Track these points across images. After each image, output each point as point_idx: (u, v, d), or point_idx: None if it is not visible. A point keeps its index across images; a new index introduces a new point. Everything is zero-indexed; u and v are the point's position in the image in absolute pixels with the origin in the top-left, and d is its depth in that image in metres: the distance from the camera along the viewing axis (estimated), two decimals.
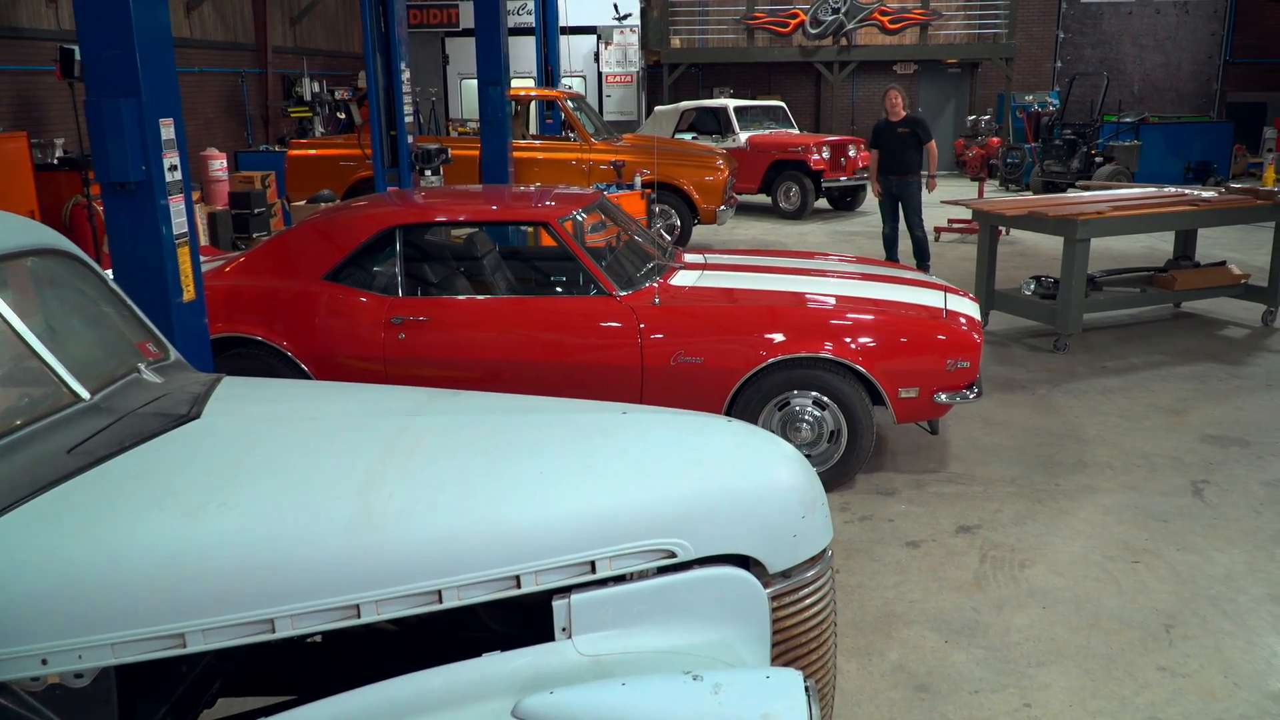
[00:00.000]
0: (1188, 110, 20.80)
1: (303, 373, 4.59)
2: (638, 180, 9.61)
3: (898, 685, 3.10)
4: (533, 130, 12.82)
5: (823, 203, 14.41)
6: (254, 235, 10.21)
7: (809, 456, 4.40)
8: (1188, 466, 4.84)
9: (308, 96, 15.86)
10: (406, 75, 7.30)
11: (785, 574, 2.02)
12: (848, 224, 13.39)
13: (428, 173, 7.66)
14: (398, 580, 1.77)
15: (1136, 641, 3.33)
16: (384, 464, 1.97)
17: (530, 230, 7.31)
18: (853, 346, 4.35)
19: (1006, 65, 19.48)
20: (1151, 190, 8.38)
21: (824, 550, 2.09)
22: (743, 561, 1.97)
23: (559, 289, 5.44)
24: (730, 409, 4.42)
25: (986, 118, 19.15)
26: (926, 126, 8.73)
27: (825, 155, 13.36)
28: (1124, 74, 20.90)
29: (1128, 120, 16.96)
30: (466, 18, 18.84)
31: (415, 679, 1.77)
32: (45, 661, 1.66)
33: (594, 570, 1.86)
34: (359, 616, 1.77)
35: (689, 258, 5.28)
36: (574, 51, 18.48)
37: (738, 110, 14.40)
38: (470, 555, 1.80)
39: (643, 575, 1.90)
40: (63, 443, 1.97)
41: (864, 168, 13.37)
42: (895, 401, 4.40)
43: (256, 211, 10.38)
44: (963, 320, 4.54)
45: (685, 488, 1.95)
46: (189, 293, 3.97)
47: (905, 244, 9.01)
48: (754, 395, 4.41)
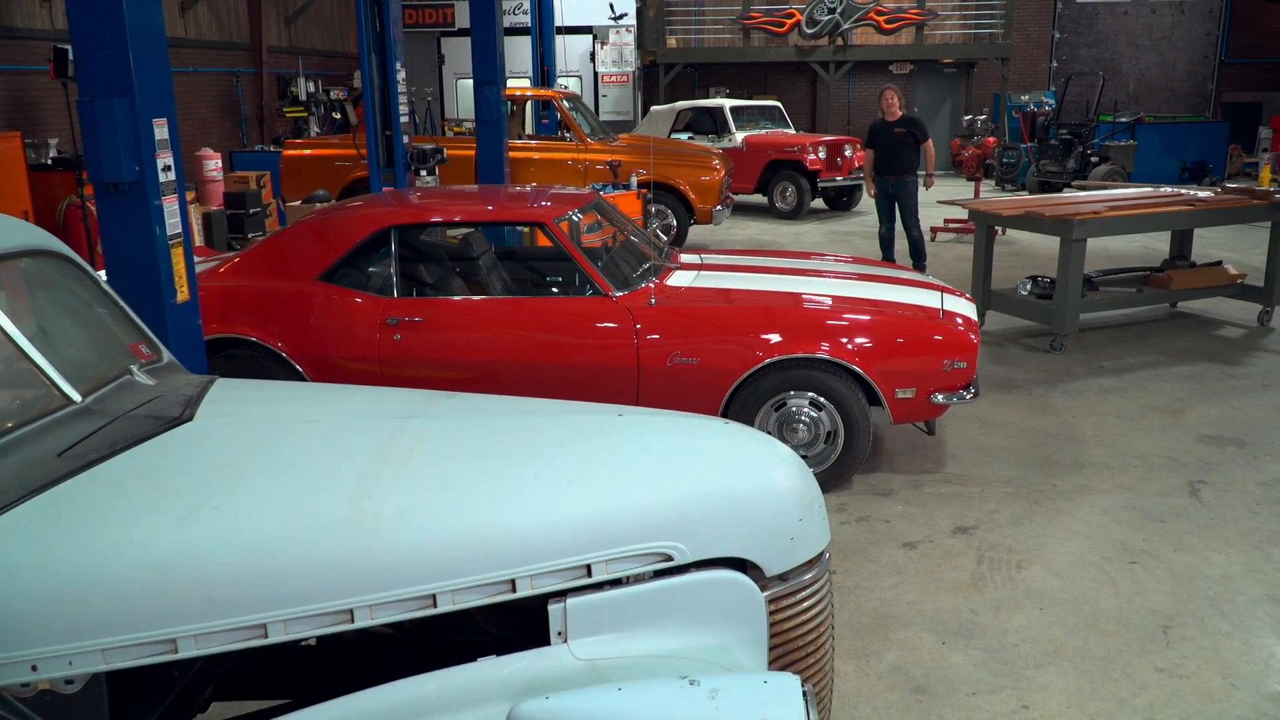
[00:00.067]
0: (1183, 110, 20.83)
1: (297, 374, 4.57)
2: (634, 180, 9.59)
3: (895, 687, 3.09)
4: (528, 130, 12.80)
5: (819, 203, 14.42)
6: (249, 236, 10.18)
7: (805, 457, 4.39)
8: (1184, 467, 4.83)
9: (303, 96, 15.83)
10: (402, 75, 7.29)
11: (782, 577, 2.01)
12: (844, 224, 13.39)
13: (423, 173, 7.64)
14: (392, 584, 1.76)
15: (1134, 643, 3.32)
16: (378, 467, 1.96)
17: (526, 231, 7.30)
18: (849, 347, 4.34)
19: (1002, 65, 19.49)
20: (1147, 190, 8.38)
21: (821, 553, 2.08)
22: (739, 565, 1.96)
23: (555, 289, 5.43)
24: (727, 410, 4.41)
25: (982, 118, 19.17)
26: (923, 126, 8.73)
27: (821, 155, 13.36)
28: (1119, 74, 20.92)
29: (1123, 120, 16.98)
30: (462, 17, 18.81)
31: (410, 684, 1.76)
32: (35, 668, 1.64)
33: (590, 574, 1.85)
34: (353, 621, 1.76)
35: (685, 258, 5.26)
36: (570, 51, 18.44)
37: (734, 110, 14.39)
38: (465, 559, 1.79)
39: (639, 579, 1.89)
40: (53, 446, 1.95)
41: (860, 168, 13.37)
42: (892, 402, 4.39)
43: (251, 212, 10.36)
44: (959, 321, 4.53)
45: (682, 490, 1.94)
46: (183, 294, 3.96)
47: (902, 244, 9.01)
48: (750, 396, 4.40)
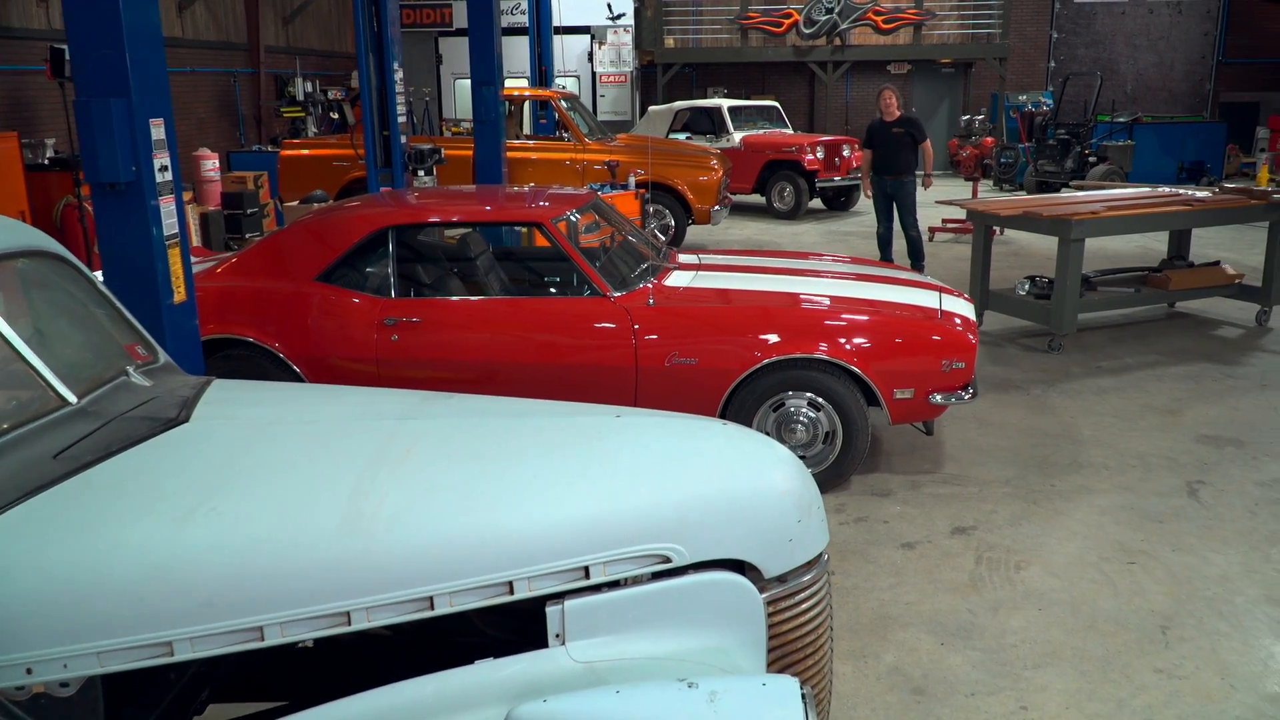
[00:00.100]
0: (1181, 110, 20.84)
1: (295, 374, 4.56)
2: (632, 180, 9.58)
3: (894, 688, 3.08)
4: (526, 130, 12.80)
5: (817, 203, 14.41)
6: (246, 236, 10.16)
7: (804, 457, 4.39)
8: (1183, 467, 4.83)
9: (300, 96, 15.81)
10: (399, 75, 7.28)
11: (781, 579, 2.00)
12: (842, 224, 13.39)
13: (421, 173, 7.63)
14: (389, 587, 1.75)
15: (1133, 643, 3.32)
16: (375, 469, 1.95)
17: (524, 231, 7.28)
18: (847, 347, 4.34)
19: (1000, 65, 19.50)
20: (1145, 190, 8.38)
21: (820, 554, 2.08)
22: (738, 566, 1.96)
23: (553, 290, 5.42)
24: (725, 410, 4.41)
25: (980, 118, 19.18)
26: (921, 126, 8.73)
27: (819, 155, 13.35)
28: (1117, 74, 20.93)
29: (1121, 120, 16.98)
30: (460, 17, 18.78)
31: (407, 686, 1.76)
32: (30, 670, 1.63)
33: (588, 576, 1.84)
34: (349, 624, 1.75)
35: (683, 258, 5.26)
36: (568, 51, 18.44)
37: (732, 110, 14.39)
38: (462, 561, 1.78)
39: (637, 581, 1.88)
40: (49, 447, 1.94)
41: (858, 168, 13.37)
42: (890, 402, 4.39)
43: (249, 212, 10.33)
44: (958, 321, 4.53)
45: (680, 492, 1.93)
46: (180, 294, 3.94)
47: (900, 244, 9.00)
48: (749, 396, 4.39)
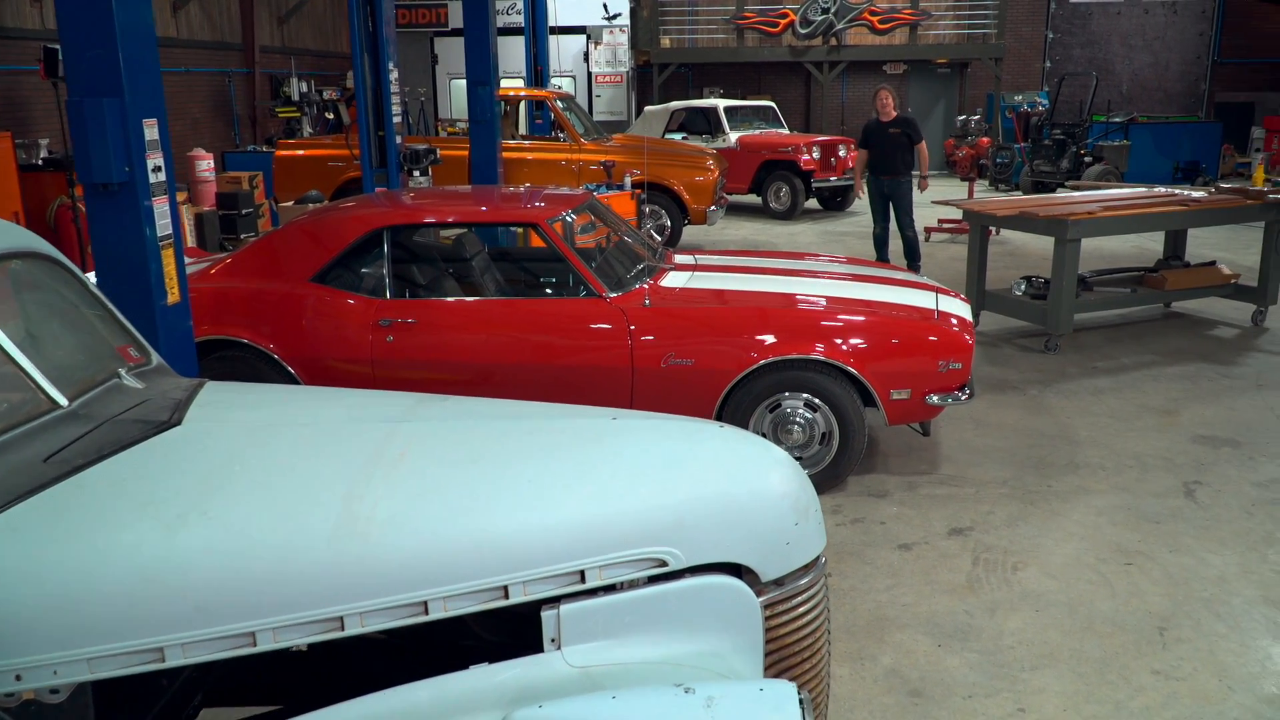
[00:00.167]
0: (1176, 110, 20.88)
1: (290, 376, 4.54)
2: (628, 181, 9.56)
3: (891, 690, 3.07)
4: (522, 130, 12.78)
5: (813, 203, 14.41)
6: (241, 236, 10.12)
7: (800, 459, 4.38)
8: (1179, 467, 4.83)
9: (295, 96, 15.78)
10: (395, 75, 7.27)
11: (778, 582, 1.99)
12: (838, 224, 13.39)
13: (416, 173, 7.61)
14: (382, 591, 1.74)
15: (1130, 644, 3.31)
16: (369, 472, 1.93)
17: (519, 231, 7.27)
18: (844, 348, 4.33)
19: (996, 65, 19.52)
20: (1141, 190, 8.39)
21: (817, 557, 2.07)
22: (735, 570, 1.94)
23: (548, 290, 5.40)
24: (721, 411, 4.40)
25: (976, 118, 19.19)
26: (917, 127, 8.74)
27: (815, 155, 13.35)
28: (1113, 74, 20.97)
29: (1117, 120, 17.00)
30: (455, 17, 18.75)
31: (402, 691, 1.74)
32: (19, 677, 1.62)
33: (583, 580, 1.83)
34: (343, 629, 1.74)
35: (679, 259, 5.25)
36: (563, 51, 18.44)
37: (728, 110, 14.38)
38: (457, 565, 1.77)
39: (633, 585, 1.87)
40: (39, 451, 1.93)
41: (853, 167, 13.37)
42: (887, 403, 4.38)
43: (244, 212, 10.30)
44: (954, 321, 4.52)
45: (676, 495, 1.92)
46: (173, 295, 3.92)
47: (896, 244, 9.00)
48: (745, 397, 4.38)
